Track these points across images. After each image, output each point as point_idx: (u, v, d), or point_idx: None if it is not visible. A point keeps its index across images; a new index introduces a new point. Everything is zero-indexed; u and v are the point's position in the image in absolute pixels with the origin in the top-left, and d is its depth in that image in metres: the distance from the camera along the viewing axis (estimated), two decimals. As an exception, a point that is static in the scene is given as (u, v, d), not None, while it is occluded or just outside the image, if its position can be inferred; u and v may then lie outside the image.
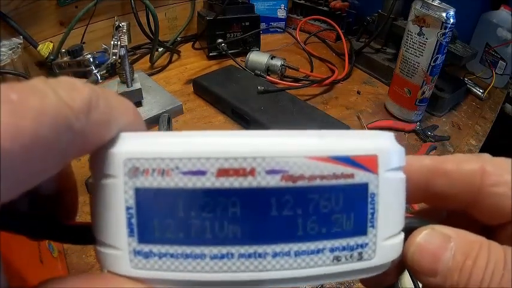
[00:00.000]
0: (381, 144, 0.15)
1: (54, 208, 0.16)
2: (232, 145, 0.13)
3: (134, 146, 0.13)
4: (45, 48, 0.72)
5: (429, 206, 0.19)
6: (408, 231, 0.16)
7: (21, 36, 0.68)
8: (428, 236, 0.15)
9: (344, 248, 0.14)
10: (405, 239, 0.16)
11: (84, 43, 0.76)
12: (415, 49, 0.63)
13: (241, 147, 0.13)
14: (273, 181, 0.13)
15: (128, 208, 0.13)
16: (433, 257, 0.15)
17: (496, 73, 0.83)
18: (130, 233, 0.13)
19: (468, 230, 0.16)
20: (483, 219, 0.17)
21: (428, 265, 0.15)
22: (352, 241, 0.14)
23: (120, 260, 0.13)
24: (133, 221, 0.13)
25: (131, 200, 0.13)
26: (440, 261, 0.15)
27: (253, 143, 0.13)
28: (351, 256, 0.14)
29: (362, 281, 0.17)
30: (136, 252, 0.13)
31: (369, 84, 0.82)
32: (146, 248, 0.13)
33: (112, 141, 0.13)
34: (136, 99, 0.65)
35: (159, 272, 0.13)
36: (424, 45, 0.61)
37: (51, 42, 0.74)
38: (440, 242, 0.15)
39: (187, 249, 0.13)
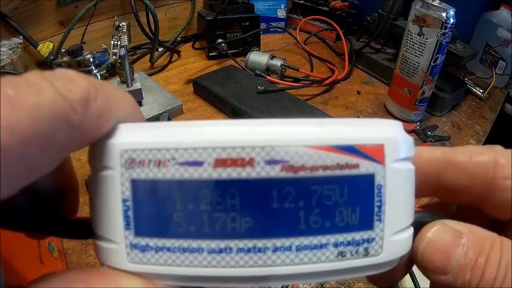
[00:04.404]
0: (387, 133, 0.14)
1: (55, 207, 0.16)
2: (230, 134, 0.13)
3: (131, 137, 0.13)
4: (45, 48, 0.72)
5: (439, 199, 0.19)
6: (418, 225, 0.15)
7: (21, 36, 0.68)
8: (440, 231, 0.15)
9: (349, 243, 0.14)
10: (415, 234, 0.15)
11: (84, 43, 0.76)
12: (415, 49, 0.63)
13: (239, 136, 0.13)
14: (273, 172, 0.13)
15: (124, 200, 0.13)
16: (445, 254, 0.14)
17: (496, 73, 0.83)
18: (127, 226, 0.13)
19: (478, 225, 0.15)
20: (494, 213, 0.16)
21: (439, 263, 0.14)
22: (357, 236, 0.14)
23: (117, 254, 0.13)
24: (130, 213, 0.13)
25: (128, 192, 0.13)
26: (452, 258, 0.14)
27: (252, 131, 0.13)
28: (356, 252, 0.14)
29: (368, 277, 0.17)
30: (133, 246, 0.13)
31: (369, 84, 0.82)
32: (143, 241, 0.13)
33: (110, 133, 0.13)
34: (137, 99, 0.65)
35: (156, 266, 0.13)
36: (424, 45, 0.61)
37: (51, 42, 0.74)
38: (452, 238, 0.15)
39: (185, 243, 0.13)
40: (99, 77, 0.63)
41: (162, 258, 0.13)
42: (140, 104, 0.66)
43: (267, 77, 0.76)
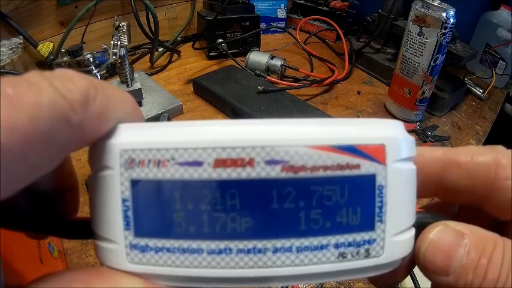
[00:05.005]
0: (388, 132, 0.14)
1: (55, 207, 0.16)
2: (230, 134, 0.13)
3: (130, 136, 0.13)
4: (45, 48, 0.72)
5: (440, 199, 0.19)
6: (420, 226, 0.15)
7: (21, 36, 0.68)
8: (442, 232, 0.15)
9: (350, 244, 0.13)
10: (417, 234, 0.15)
11: (84, 43, 0.76)
12: (415, 49, 0.63)
13: (238, 136, 0.13)
14: (273, 172, 0.13)
15: (124, 200, 0.13)
16: (446, 254, 0.14)
17: (496, 73, 0.83)
18: (127, 226, 0.13)
19: (479, 226, 0.15)
20: (496, 213, 0.16)
21: (441, 263, 0.14)
22: (358, 236, 0.13)
23: (116, 254, 0.13)
24: (130, 213, 0.13)
25: (127, 192, 0.13)
26: (454, 259, 0.14)
27: (252, 131, 0.13)
28: (357, 253, 0.14)
29: (369, 278, 0.17)
30: (133, 246, 0.13)
31: (369, 84, 0.82)
32: (142, 241, 0.13)
33: (109, 133, 0.13)
34: (137, 99, 0.65)
35: (155, 266, 0.13)
36: (424, 45, 0.61)
37: (51, 42, 0.74)
38: (454, 238, 0.14)
39: (184, 244, 0.13)
40: (99, 77, 0.63)
41: (161, 259, 0.13)
42: (140, 104, 0.66)
43: (267, 77, 0.76)
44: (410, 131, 0.68)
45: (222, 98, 0.68)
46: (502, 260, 0.14)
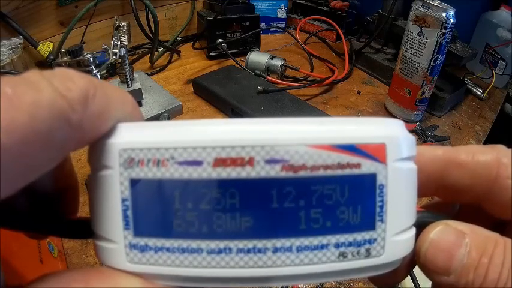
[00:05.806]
0: (389, 132, 0.14)
1: (55, 206, 0.16)
2: (229, 133, 0.13)
3: (130, 136, 0.13)
4: (45, 48, 0.72)
5: (441, 199, 0.19)
6: (420, 226, 0.15)
7: (21, 36, 0.68)
8: (442, 232, 0.15)
9: (350, 244, 0.13)
10: (417, 234, 0.15)
11: (84, 43, 0.76)
12: (415, 49, 0.63)
13: (238, 135, 0.13)
14: (273, 171, 0.13)
15: (123, 200, 0.13)
16: (447, 254, 0.14)
17: (496, 73, 0.83)
18: (126, 225, 0.13)
19: (480, 226, 0.15)
20: (496, 213, 0.16)
21: (442, 263, 0.14)
22: (359, 236, 0.13)
23: (116, 253, 0.13)
24: (129, 213, 0.13)
25: (127, 191, 0.13)
26: (455, 259, 0.14)
27: (251, 130, 0.13)
28: (357, 252, 0.14)
29: (369, 278, 0.17)
30: (132, 246, 0.13)
31: (369, 84, 0.82)
32: (142, 241, 0.13)
33: (109, 132, 0.13)
34: (137, 99, 0.65)
35: (155, 266, 0.13)
36: (424, 45, 0.61)
37: (51, 42, 0.74)
38: (455, 238, 0.14)
39: (184, 243, 0.13)
40: (99, 77, 0.63)
41: (161, 259, 0.13)
42: (140, 104, 0.66)
43: (267, 77, 0.76)
44: (410, 131, 0.68)
45: (222, 98, 0.68)
46: (503, 259, 0.14)
